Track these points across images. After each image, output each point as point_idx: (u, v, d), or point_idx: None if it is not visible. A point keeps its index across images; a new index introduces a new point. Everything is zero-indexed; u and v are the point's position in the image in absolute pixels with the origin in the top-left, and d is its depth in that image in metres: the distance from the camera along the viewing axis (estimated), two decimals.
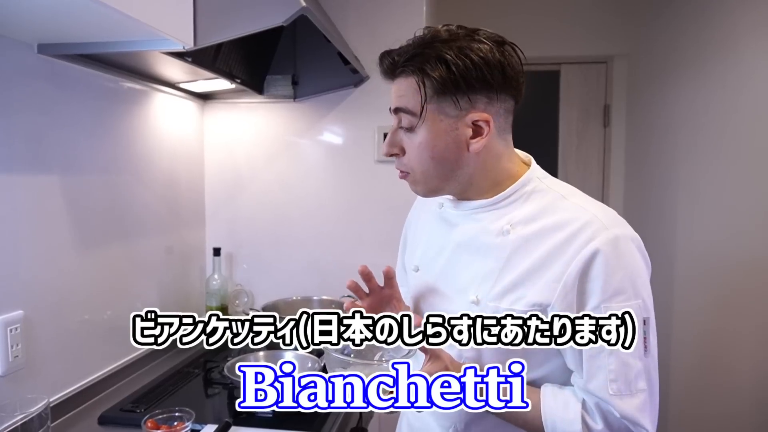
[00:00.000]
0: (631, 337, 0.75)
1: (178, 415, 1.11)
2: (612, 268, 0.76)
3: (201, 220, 2.02)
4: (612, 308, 0.75)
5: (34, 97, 1.19)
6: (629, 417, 0.75)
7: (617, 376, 0.76)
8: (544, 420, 0.79)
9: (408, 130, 0.84)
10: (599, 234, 0.77)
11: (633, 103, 2.66)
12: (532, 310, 0.78)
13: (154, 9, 1.00)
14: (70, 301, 1.32)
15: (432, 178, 0.85)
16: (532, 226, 0.82)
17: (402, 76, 0.82)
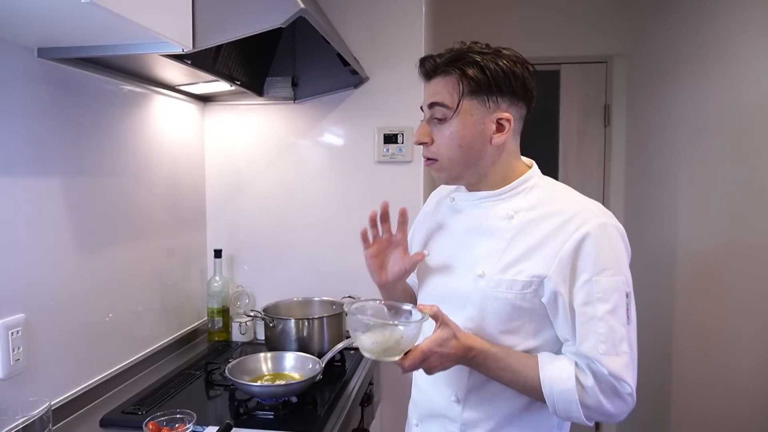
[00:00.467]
0: (615, 306, 0.89)
1: (179, 417, 1.11)
2: (600, 248, 0.90)
3: (202, 222, 2.02)
4: (601, 281, 0.89)
5: (35, 101, 1.20)
6: (615, 373, 0.87)
7: (606, 339, 0.88)
8: (542, 380, 0.91)
9: (440, 122, 0.97)
10: (589, 220, 0.92)
11: (633, 103, 2.66)
12: (532, 279, 0.92)
13: (152, 12, 1.01)
14: (72, 304, 1.32)
15: (456, 164, 0.98)
16: (533, 212, 0.96)
17: (441, 75, 0.97)
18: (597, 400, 0.89)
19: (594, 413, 0.90)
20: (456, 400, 1.00)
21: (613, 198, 2.78)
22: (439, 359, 0.90)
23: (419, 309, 0.92)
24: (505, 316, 0.95)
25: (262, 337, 1.82)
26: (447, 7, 2.73)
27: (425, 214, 1.21)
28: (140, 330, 1.61)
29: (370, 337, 0.89)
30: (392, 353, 0.89)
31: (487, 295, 0.96)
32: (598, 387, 0.88)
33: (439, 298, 1.00)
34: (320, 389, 1.43)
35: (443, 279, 1.04)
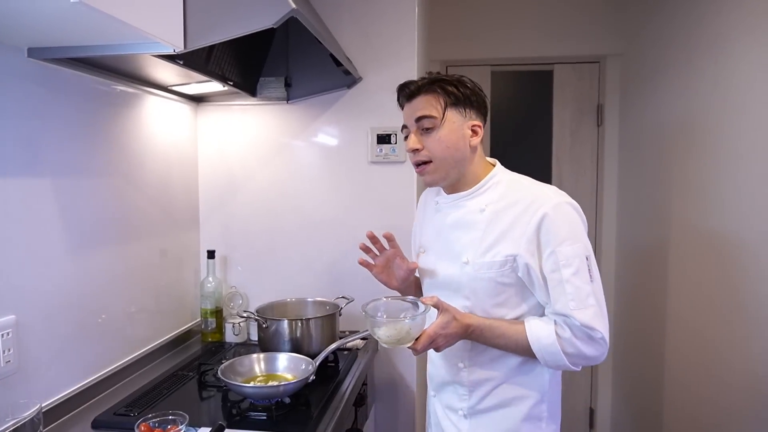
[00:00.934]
0: (578, 269, 1.08)
1: (171, 419, 1.11)
2: (558, 223, 1.10)
3: (195, 223, 2.02)
4: (563, 251, 1.08)
5: (25, 101, 1.19)
6: (586, 323, 1.07)
7: (574, 297, 1.07)
8: (529, 339, 1.11)
9: (428, 131, 1.17)
10: (545, 202, 1.11)
11: (626, 103, 2.67)
12: (506, 259, 1.13)
13: (143, 12, 1.00)
14: (63, 305, 1.31)
15: (446, 163, 1.17)
16: (500, 203, 1.17)
17: (424, 93, 1.17)
18: (575, 347, 1.08)
19: (576, 358, 1.09)
20: (462, 367, 1.22)
21: (606, 196, 2.80)
22: (444, 339, 1.10)
23: (422, 301, 1.11)
24: (493, 292, 1.16)
25: (255, 337, 1.82)
26: (440, 9, 2.73)
27: (418, 219, 1.42)
28: (133, 331, 1.60)
29: (385, 332, 1.08)
30: (404, 341, 1.08)
31: (473, 278, 1.16)
32: (574, 336, 1.08)
33: (438, 287, 1.23)
34: (313, 390, 1.42)
35: (437, 271, 1.25)
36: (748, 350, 1.60)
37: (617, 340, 2.78)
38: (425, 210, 1.36)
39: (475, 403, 1.22)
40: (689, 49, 1.98)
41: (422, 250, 1.32)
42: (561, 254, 1.08)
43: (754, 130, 1.58)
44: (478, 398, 1.21)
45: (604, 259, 2.80)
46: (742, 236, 1.64)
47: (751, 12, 1.60)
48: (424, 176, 1.20)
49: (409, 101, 1.19)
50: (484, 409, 1.21)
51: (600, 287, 1.11)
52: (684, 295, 2.02)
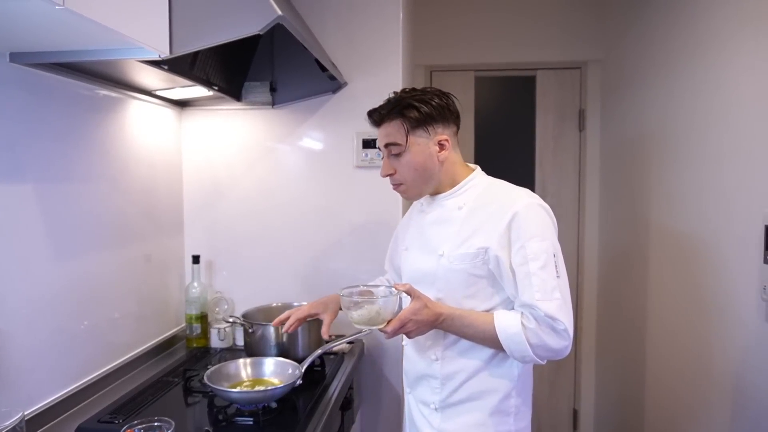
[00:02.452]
0: (545, 264, 1.13)
1: (157, 425, 1.10)
2: (528, 221, 1.16)
3: (180, 228, 2.01)
4: (531, 246, 1.14)
5: (7, 106, 1.18)
6: (550, 314, 1.11)
7: (539, 288, 1.12)
8: (497, 328, 1.15)
9: (396, 156, 1.25)
10: (517, 202, 1.18)
11: (607, 108, 2.72)
12: (478, 251, 1.19)
13: (128, 18, 1.00)
14: (46, 312, 1.30)
15: (417, 183, 1.27)
16: (477, 202, 1.25)
17: (388, 121, 1.24)
18: (539, 338, 1.12)
19: (539, 350, 1.13)
20: (435, 359, 1.26)
21: (588, 200, 2.84)
22: (414, 325, 1.15)
23: (395, 287, 1.18)
24: (465, 284, 1.21)
25: (241, 343, 1.81)
26: (424, 14, 2.76)
27: (403, 222, 1.50)
28: (117, 337, 1.59)
29: (356, 312, 1.15)
30: (375, 322, 1.15)
31: (447, 269, 1.22)
32: (538, 327, 1.12)
33: (416, 279, 1.28)
34: (300, 394, 1.43)
35: (417, 263, 1.32)
36: (726, 350, 1.64)
37: (600, 342, 2.82)
38: (412, 213, 1.45)
39: (447, 396, 1.26)
40: (668, 56, 2.03)
41: (405, 248, 1.39)
42: (529, 249, 1.14)
43: (731, 136, 1.62)
44: (450, 391, 1.25)
45: (587, 261, 2.85)
46: (719, 240, 1.68)
47: (729, 19, 1.64)
48: (401, 193, 1.32)
49: (378, 127, 1.27)
50: (455, 402, 1.25)
51: (566, 284, 1.16)
52: (664, 297, 2.06)
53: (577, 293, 2.89)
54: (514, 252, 1.15)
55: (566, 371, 2.95)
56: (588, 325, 2.86)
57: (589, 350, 2.87)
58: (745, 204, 1.53)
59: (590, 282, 2.85)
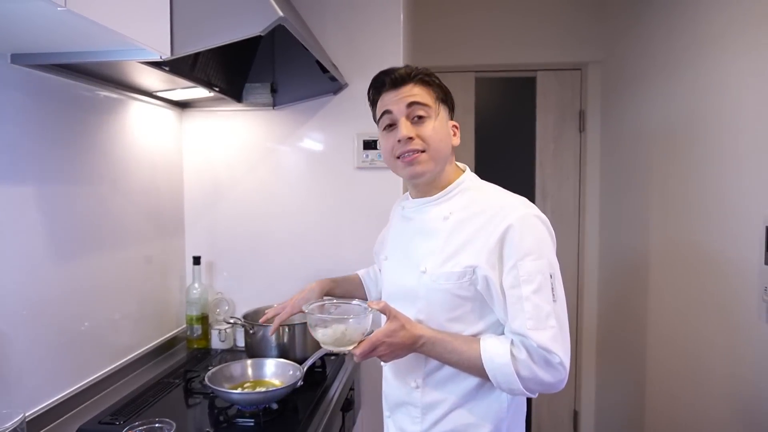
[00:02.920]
0: (540, 287, 1.00)
1: (158, 426, 1.10)
2: (522, 236, 1.02)
3: (180, 229, 2.01)
4: (525, 265, 1.00)
5: (8, 108, 1.18)
6: (543, 345, 0.98)
7: (532, 316, 0.99)
8: (483, 356, 1.02)
9: (420, 120, 1.10)
10: (511, 213, 1.04)
11: (607, 109, 2.72)
12: (465, 270, 1.05)
13: (130, 19, 1.00)
14: (47, 313, 1.30)
15: (439, 155, 1.11)
16: (465, 212, 1.10)
17: (415, 83, 1.10)
18: (531, 370, 0.99)
19: (531, 383, 1.00)
20: (415, 386, 1.12)
21: (589, 202, 2.84)
22: (388, 348, 1.01)
23: (369, 305, 1.05)
24: (449, 305, 1.07)
25: (242, 344, 1.81)
26: (425, 15, 2.76)
27: (387, 228, 1.38)
28: (118, 338, 1.59)
29: (321, 332, 1.03)
30: (342, 343, 1.02)
31: (430, 288, 1.08)
32: (530, 359, 0.99)
33: (396, 296, 1.16)
34: (301, 395, 1.43)
35: (397, 278, 1.18)
36: (727, 352, 1.64)
37: (600, 343, 2.81)
38: (393, 218, 1.33)
39: (428, 428, 1.12)
40: (669, 57, 2.03)
41: (385, 258, 1.26)
42: (523, 269, 1.00)
43: (732, 137, 1.62)
44: (431, 422, 1.11)
45: (587, 263, 2.84)
46: (719, 241, 1.68)
47: (731, 20, 1.64)
48: (415, 166, 1.09)
49: (396, 88, 1.10)
50: None
51: (564, 308, 1.03)
52: (665, 299, 2.06)
53: (578, 295, 2.89)
54: (506, 272, 1.02)
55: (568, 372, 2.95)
56: (589, 327, 2.86)
57: (589, 351, 2.87)
58: (746, 205, 1.53)
59: (591, 283, 2.84)
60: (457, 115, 1.23)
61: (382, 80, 1.12)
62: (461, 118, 2.88)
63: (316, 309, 1.09)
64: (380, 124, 1.15)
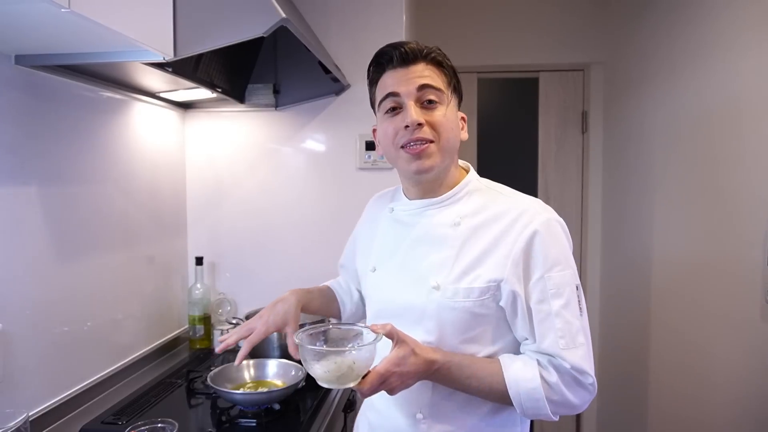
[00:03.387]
0: (568, 301, 0.90)
1: (160, 427, 1.10)
2: (548, 244, 0.91)
3: (183, 229, 2.01)
4: (553, 277, 0.90)
5: (12, 108, 1.18)
6: (577, 366, 0.89)
7: (564, 334, 0.89)
8: (507, 381, 0.90)
9: (431, 105, 0.95)
10: (535, 218, 0.92)
11: (610, 110, 2.72)
12: (489, 285, 0.91)
13: (133, 21, 1.01)
14: (50, 313, 1.30)
15: (449, 147, 0.96)
16: (478, 217, 0.96)
17: (428, 62, 0.95)
18: (562, 394, 0.89)
19: (560, 407, 0.90)
20: (421, 418, 0.96)
21: (591, 204, 2.83)
22: (399, 379, 0.86)
23: (372, 329, 0.87)
24: (464, 325, 0.93)
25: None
26: (427, 16, 2.76)
27: (363, 232, 1.20)
28: (120, 339, 1.59)
29: (322, 366, 0.84)
30: (347, 380, 0.84)
31: (443, 306, 0.93)
32: (561, 381, 0.89)
33: (393, 314, 0.97)
34: (303, 396, 1.43)
35: (395, 294, 1.01)
36: (730, 353, 1.63)
37: (603, 344, 2.81)
38: (376, 221, 1.12)
39: None
40: (672, 58, 2.03)
41: (372, 269, 1.07)
42: (551, 281, 0.90)
43: (735, 138, 1.62)
44: None
45: (590, 264, 2.84)
46: (724, 243, 1.67)
47: (734, 21, 1.64)
48: (423, 159, 0.94)
49: (405, 65, 0.95)
50: None
51: (587, 323, 0.94)
52: (668, 300, 2.06)
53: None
54: (532, 284, 0.91)
55: None
56: (592, 328, 2.84)
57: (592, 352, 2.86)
58: (750, 206, 1.53)
59: (593, 284, 2.84)
60: None
61: (390, 54, 0.95)
62: None
63: (306, 338, 0.90)
64: (381, 107, 0.98)
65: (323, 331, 0.93)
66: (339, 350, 0.85)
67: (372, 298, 1.07)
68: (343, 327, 0.95)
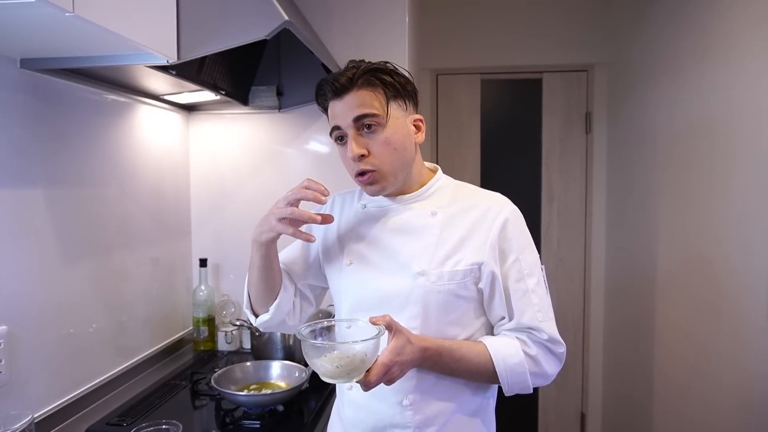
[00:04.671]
0: (539, 279, 1.02)
1: (165, 428, 1.11)
2: (519, 230, 1.02)
3: (187, 231, 2.02)
4: (526, 259, 1.01)
5: (17, 111, 1.19)
6: (553, 336, 0.99)
7: (540, 308, 0.99)
8: (494, 359, 0.97)
9: (371, 132, 0.98)
10: (504, 208, 1.03)
11: (613, 110, 2.71)
12: (471, 267, 0.99)
13: (137, 24, 1.01)
14: (55, 315, 1.31)
15: (395, 169, 1.00)
16: (453, 207, 1.04)
17: (360, 87, 0.98)
18: (539, 365, 0.98)
19: (537, 378, 0.99)
20: (407, 404, 0.99)
21: (595, 204, 2.83)
22: (399, 368, 0.89)
23: (372, 322, 0.88)
24: (447, 308, 0.99)
25: (248, 346, 1.82)
26: (430, 19, 2.76)
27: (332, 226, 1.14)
28: (125, 340, 1.60)
29: (332, 361, 0.82)
30: (357, 373, 0.84)
31: (429, 290, 0.98)
32: (540, 353, 0.98)
33: (374, 304, 1.01)
34: (306, 398, 1.43)
35: (376, 284, 1.03)
36: (735, 354, 1.62)
37: (607, 344, 2.80)
38: (346, 216, 1.13)
39: None
40: (676, 58, 2.02)
41: (349, 263, 1.07)
42: (525, 262, 1.00)
43: (740, 139, 1.61)
44: None
45: (594, 264, 2.83)
46: (727, 243, 1.67)
47: (738, 21, 1.64)
48: (371, 186, 1.00)
49: (340, 97, 0.99)
50: None
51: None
52: (672, 301, 2.05)
53: (584, 297, 2.88)
54: (508, 266, 1.00)
55: (574, 374, 2.94)
56: (595, 328, 2.85)
57: (596, 353, 2.86)
58: (754, 207, 1.53)
59: (597, 285, 2.83)
60: (462, 117, 1.16)
61: (323, 90, 1.02)
62: (467, 120, 2.89)
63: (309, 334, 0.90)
64: (332, 136, 1.03)
65: (326, 327, 0.93)
66: (351, 343, 0.84)
67: (348, 291, 1.07)
68: (343, 320, 0.99)
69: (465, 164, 2.92)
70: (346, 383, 0.93)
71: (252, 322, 1.14)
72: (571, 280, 2.88)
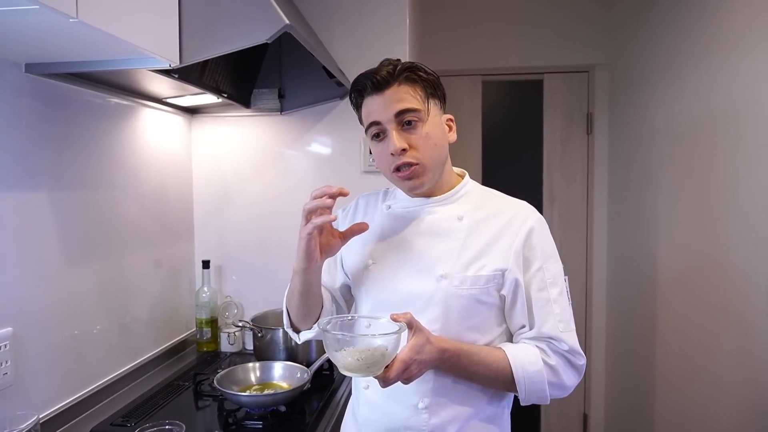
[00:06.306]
0: (562, 289, 1.01)
1: (168, 428, 1.12)
2: (544, 239, 1.02)
3: (190, 233, 2.03)
4: (550, 268, 1.01)
5: (22, 115, 1.20)
6: (573, 347, 0.98)
7: (561, 318, 0.99)
8: (513, 365, 0.96)
9: (411, 128, 0.99)
10: (530, 216, 1.03)
11: (615, 111, 2.72)
12: (494, 273, 0.98)
13: (140, 29, 1.03)
14: (60, 317, 1.32)
15: (435, 164, 1.01)
16: (480, 213, 1.04)
17: (400, 83, 0.99)
18: (558, 375, 0.98)
19: (555, 390, 0.98)
20: (423, 407, 0.98)
21: (597, 205, 2.83)
22: (418, 367, 0.89)
23: (393, 318, 0.88)
24: (468, 313, 0.99)
25: (250, 347, 1.83)
26: (431, 21, 2.77)
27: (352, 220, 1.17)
28: (128, 342, 1.61)
29: (353, 354, 0.84)
30: (377, 367, 0.85)
31: (451, 294, 0.98)
32: (559, 363, 0.98)
33: (395, 305, 0.99)
34: (309, 398, 1.44)
35: (398, 285, 1.03)
36: (737, 355, 1.63)
37: (610, 346, 2.80)
38: (370, 216, 1.14)
39: None
40: (677, 58, 2.02)
41: (371, 262, 1.07)
42: (548, 272, 1.00)
43: (741, 139, 1.62)
44: None
45: (596, 265, 2.83)
46: (729, 243, 1.67)
47: (739, 21, 1.64)
48: (414, 180, 1.00)
49: (380, 92, 0.99)
50: None
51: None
52: (674, 302, 2.05)
53: (587, 298, 2.88)
54: (531, 274, 0.99)
55: None
56: (598, 330, 2.85)
57: (599, 354, 2.86)
58: (756, 207, 1.53)
59: (599, 286, 2.83)
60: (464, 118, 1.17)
61: (363, 84, 1.01)
62: (468, 121, 2.89)
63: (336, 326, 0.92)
64: (368, 133, 1.02)
65: (349, 321, 0.95)
66: (372, 336, 0.86)
67: (370, 290, 1.07)
68: (363, 317, 0.97)
69: (467, 165, 2.91)
70: (364, 377, 0.94)
71: (296, 340, 1.12)
72: (572, 281, 2.88)
